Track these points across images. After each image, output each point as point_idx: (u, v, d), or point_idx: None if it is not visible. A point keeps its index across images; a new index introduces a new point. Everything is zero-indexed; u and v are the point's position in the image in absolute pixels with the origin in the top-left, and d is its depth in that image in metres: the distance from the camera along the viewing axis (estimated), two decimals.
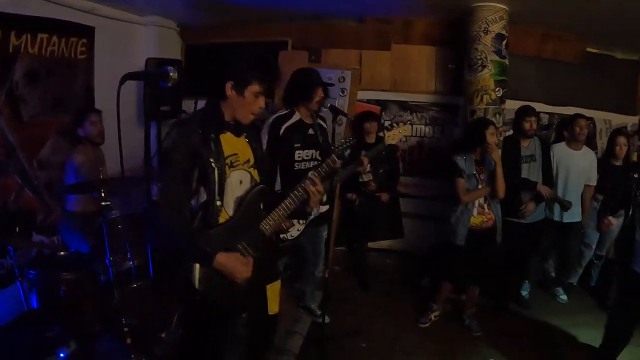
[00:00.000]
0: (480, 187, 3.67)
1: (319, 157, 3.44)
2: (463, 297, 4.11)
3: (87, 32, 4.56)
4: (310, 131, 3.41)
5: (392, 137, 3.08)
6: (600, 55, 5.40)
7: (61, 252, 3.46)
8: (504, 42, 4.42)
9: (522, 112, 4.16)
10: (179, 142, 2.04)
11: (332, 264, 4.96)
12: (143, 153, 2.31)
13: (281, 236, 3.15)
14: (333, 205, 3.72)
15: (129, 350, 2.96)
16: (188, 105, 5.12)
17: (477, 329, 3.91)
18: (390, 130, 3.24)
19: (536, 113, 4.19)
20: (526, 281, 4.53)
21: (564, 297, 4.59)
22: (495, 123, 3.78)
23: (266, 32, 5.60)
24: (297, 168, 3.34)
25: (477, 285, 3.94)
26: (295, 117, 3.36)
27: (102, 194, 3.10)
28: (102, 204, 3.09)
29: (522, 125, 4.12)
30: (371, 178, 4.49)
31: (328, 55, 5.57)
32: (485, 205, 3.70)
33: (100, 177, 3.28)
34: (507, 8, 4.36)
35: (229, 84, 2.09)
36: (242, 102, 2.11)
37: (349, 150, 2.86)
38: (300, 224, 3.36)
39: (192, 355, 2.27)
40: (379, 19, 5.37)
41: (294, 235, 3.35)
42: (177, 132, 2.08)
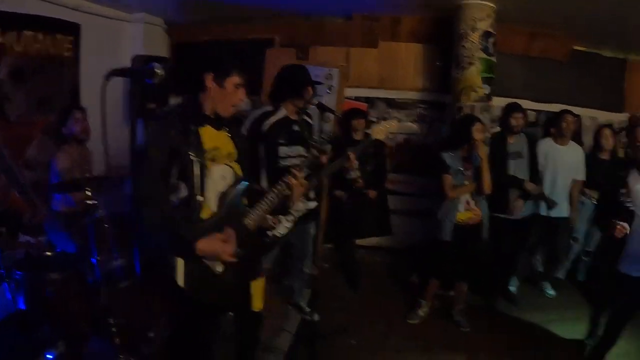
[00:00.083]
0: (466, 183, 3.70)
1: (305, 154, 3.37)
2: (452, 293, 4.13)
3: (73, 29, 4.53)
4: (296, 127, 3.35)
5: (378, 132, 3.09)
6: (588, 54, 5.43)
7: (48, 253, 3.40)
8: (491, 40, 4.44)
9: (509, 109, 4.23)
10: (156, 137, 2.00)
11: (321, 262, 4.98)
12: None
13: (269, 233, 3.13)
14: (321, 201, 3.71)
15: (117, 350, 2.93)
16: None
17: (465, 324, 3.92)
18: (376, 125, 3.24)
19: (523, 110, 4.26)
20: (514, 277, 4.55)
21: (552, 292, 4.63)
22: (482, 120, 3.79)
23: (253, 29, 5.60)
24: (283, 165, 3.23)
25: (465, 282, 3.96)
26: (281, 114, 3.30)
27: (89, 193, 3.07)
28: (88, 202, 3.06)
29: (509, 122, 4.19)
30: (359, 175, 4.45)
31: (315, 52, 5.55)
32: (471, 202, 3.72)
33: (86, 175, 3.25)
34: (494, 6, 4.38)
35: (209, 76, 2.05)
36: (223, 93, 2.08)
37: (329, 144, 2.84)
38: (288, 221, 3.32)
39: (180, 354, 2.25)
40: (366, 16, 5.39)
41: (282, 233, 3.30)
42: (155, 127, 2.04)
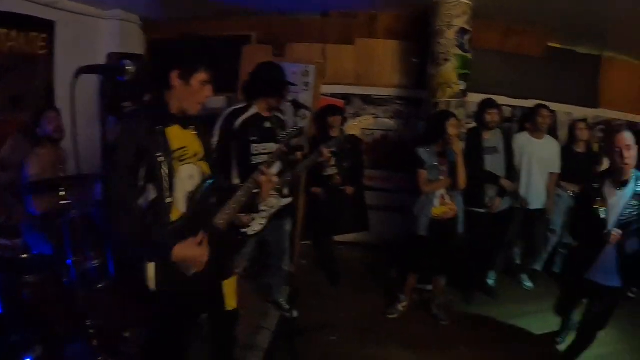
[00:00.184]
0: (441, 178, 3.73)
1: None
2: (430, 288, 4.17)
3: (47, 27, 4.45)
4: (267, 124, 3.32)
5: (353, 127, 3.11)
6: (562, 50, 5.49)
7: (23, 255, 3.37)
8: (467, 37, 4.48)
9: (484, 105, 4.28)
10: (123, 138, 1.94)
11: (299, 258, 4.98)
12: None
13: (242, 231, 3.12)
14: (296, 198, 3.70)
15: (95, 351, 2.90)
16: None
17: (445, 318, 3.97)
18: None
19: (498, 106, 4.31)
20: (492, 270, 4.61)
21: (529, 284, 4.70)
22: (456, 115, 3.83)
23: (230, 26, 5.57)
24: (255, 162, 3.16)
25: (443, 276, 4.01)
26: (252, 111, 3.28)
27: (63, 193, 3.03)
28: (62, 202, 3.02)
29: (484, 118, 4.24)
30: (336, 172, 4.45)
31: (292, 49, 5.52)
32: (446, 196, 3.76)
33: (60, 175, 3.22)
34: (470, 3, 4.42)
35: (174, 73, 1.99)
36: (189, 91, 2.02)
37: (295, 138, 2.83)
38: (262, 218, 3.32)
39: (157, 354, 2.23)
40: (343, 13, 5.42)
41: (256, 230, 3.30)
42: (121, 128, 1.98)
